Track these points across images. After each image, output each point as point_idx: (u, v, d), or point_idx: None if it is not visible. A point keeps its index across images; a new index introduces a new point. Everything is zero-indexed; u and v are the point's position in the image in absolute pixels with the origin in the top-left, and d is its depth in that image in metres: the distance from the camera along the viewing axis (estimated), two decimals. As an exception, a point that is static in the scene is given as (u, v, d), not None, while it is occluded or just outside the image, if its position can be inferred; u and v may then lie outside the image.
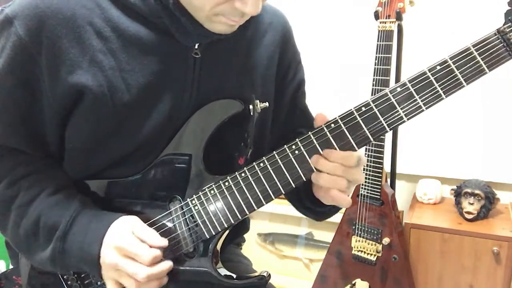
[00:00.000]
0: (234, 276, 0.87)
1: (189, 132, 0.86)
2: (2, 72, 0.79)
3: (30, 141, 0.85)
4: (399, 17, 1.68)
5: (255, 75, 0.92)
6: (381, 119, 0.77)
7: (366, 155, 1.79)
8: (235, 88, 0.89)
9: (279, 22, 0.98)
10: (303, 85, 1.05)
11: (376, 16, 1.72)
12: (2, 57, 0.79)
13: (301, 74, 1.04)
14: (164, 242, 0.80)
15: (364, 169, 1.82)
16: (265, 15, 0.95)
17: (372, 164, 1.79)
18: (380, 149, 1.77)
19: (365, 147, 1.75)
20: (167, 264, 0.80)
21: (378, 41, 1.71)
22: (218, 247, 0.88)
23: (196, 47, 0.83)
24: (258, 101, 0.89)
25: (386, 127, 0.77)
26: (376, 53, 1.72)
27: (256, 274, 0.88)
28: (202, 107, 0.86)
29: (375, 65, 1.72)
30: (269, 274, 0.89)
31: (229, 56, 0.89)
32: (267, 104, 0.90)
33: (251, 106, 0.87)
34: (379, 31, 1.71)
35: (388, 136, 1.87)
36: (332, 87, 2.21)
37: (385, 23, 1.70)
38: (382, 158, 1.77)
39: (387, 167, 1.91)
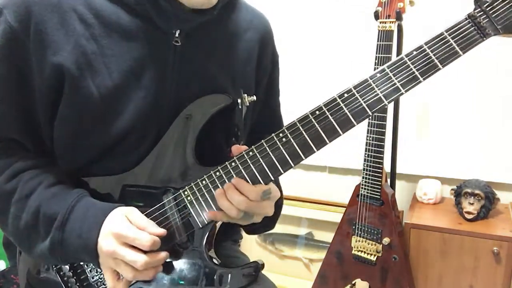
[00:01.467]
0: (227, 264, 0.88)
1: (180, 125, 0.88)
2: None
3: (27, 130, 0.87)
4: (399, 17, 1.69)
5: (235, 67, 0.95)
6: (362, 102, 0.80)
7: (366, 155, 1.80)
8: (215, 77, 0.91)
9: (260, 22, 1.01)
10: (277, 84, 1.08)
11: (376, 16, 1.72)
12: None
13: (275, 74, 1.07)
14: (161, 230, 0.81)
15: (364, 169, 1.82)
16: (247, 13, 0.98)
17: (372, 164, 1.79)
18: (380, 149, 1.77)
19: (365, 147, 1.77)
20: (164, 253, 0.81)
21: (378, 41, 1.72)
22: (211, 236, 0.88)
23: (177, 35, 0.85)
24: (246, 94, 0.91)
25: (368, 110, 0.79)
26: (376, 53, 1.72)
27: (249, 262, 0.89)
28: (192, 102, 0.88)
29: (375, 65, 1.73)
30: (263, 262, 0.89)
31: (209, 46, 0.91)
32: (254, 97, 0.93)
33: (239, 100, 0.89)
34: (379, 31, 1.72)
35: (388, 136, 1.87)
36: (332, 87, 2.21)
37: (385, 23, 1.70)
38: (382, 158, 1.77)
39: (387, 167, 1.91)
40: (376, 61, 1.73)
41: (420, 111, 2.10)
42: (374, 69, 1.72)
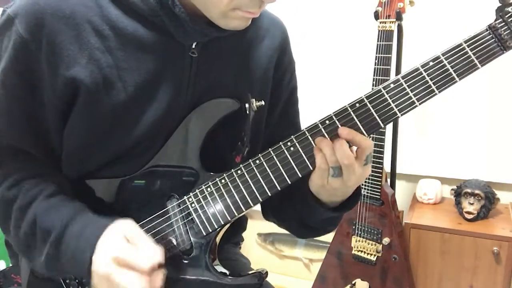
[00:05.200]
0: (230, 273, 0.87)
1: (186, 131, 0.86)
2: (6, 71, 0.80)
3: (34, 140, 0.86)
4: (399, 17, 1.69)
5: (253, 76, 0.93)
6: (375, 115, 0.78)
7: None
8: (232, 88, 0.89)
9: (277, 29, 0.98)
10: (296, 93, 1.06)
11: (376, 16, 1.72)
12: (5, 57, 0.80)
13: (294, 82, 1.04)
14: (160, 251, 0.75)
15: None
16: (264, 20, 0.95)
17: (372, 164, 1.79)
18: (380, 149, 1.77)
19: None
20: (161, 274, 0.76)
21: (378, 41, 1.72)
22: (215, 244, 0.88)
23: (194, 46, 0.84)
24: (254, 99, 0.89)
25: (380, 122, 0.77)
26: (376, 53, 1.72)
27: (253, 271, 0.88)
28: (198, 106, 0.86)
29: (375, 65, 1.73)
30: (266, 271, 0.89)
31: (226, 56, 0.89)
32: (262, 102, 0.91)
33: (247, 105, 0.88)
34: (379, 31, 1.72)
35: (388, 136, 1.86)
36: (332, 87, 2.22)
37: (385, 23, 1.70)
38: (382, 158, 1.77)
39: (387, 167, 1.91)
40: (376, 61, 1.73)
41: (420, 111, 2.10)
42: (374, 69, 1.74)
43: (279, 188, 0.81)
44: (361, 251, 1.89)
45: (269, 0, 0.75)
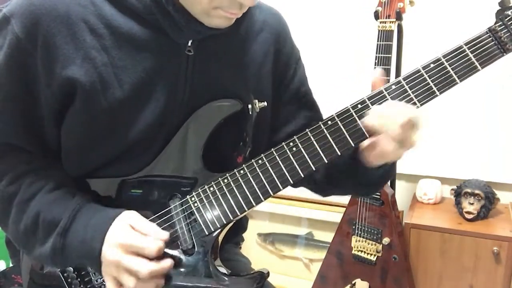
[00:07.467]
0: (231, 273, 0.87)
1: (189, 131, 0.87)
2: (1, 70, 0.81)
3: (31, 138, 0.86)
4: (399, 17, 1.69)
5: (249, 73, 0.93)
6: None
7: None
8: (229, 86, 0.89)
9: (274, 20, 0.98)
10: (306, 82, 1.05)
11: (376, 16, 1.72)
12: (1, 55, 0.80)
13: (302, 71, 1.04)
14: (165, 234, 0.80)
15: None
16: (259, 13, 0.95)
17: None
18: (380, 149, 1.76)
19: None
20: (169, 262, 0.79)
21: (378, 41, 1.72)
22: (217, 244, 0.88)
23: (189, 44, 0.84)
24: (256, 100, 0.90)
25: None
26: (376, 53, 1.72)
27: (255, 271, 0.88)
28: (201, 107, 0.87)
29: (375, 65, 1.72)
30: (268, 271, 0.89)
31: (222, 53, 0.89)
32: (265, 103, 0.91)
33: (249, 106, 0.88)
34: (379, 31, 1.72)
35: (388, 136, 1.86)
36: (332, 87, 2.22)
37: (385, 23, 1.70)
38: (382, 158, 1.77)
39: (387, 167, 1.91)
40: (376, 61, 1.72)
41: (420, 111, 2.11)
42: (374, 69, 1.74)
43: (281, 188, 0.82)
44: (361, 251, 1.89)
45: (249, 3, 0.76)
